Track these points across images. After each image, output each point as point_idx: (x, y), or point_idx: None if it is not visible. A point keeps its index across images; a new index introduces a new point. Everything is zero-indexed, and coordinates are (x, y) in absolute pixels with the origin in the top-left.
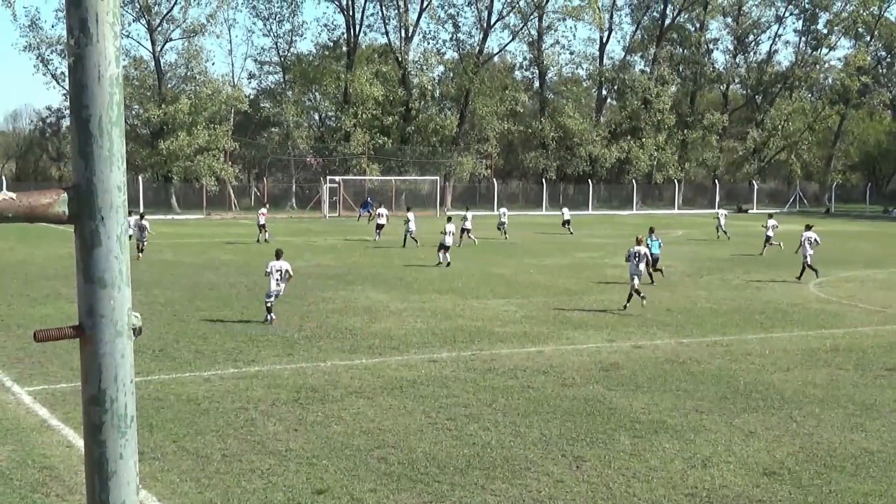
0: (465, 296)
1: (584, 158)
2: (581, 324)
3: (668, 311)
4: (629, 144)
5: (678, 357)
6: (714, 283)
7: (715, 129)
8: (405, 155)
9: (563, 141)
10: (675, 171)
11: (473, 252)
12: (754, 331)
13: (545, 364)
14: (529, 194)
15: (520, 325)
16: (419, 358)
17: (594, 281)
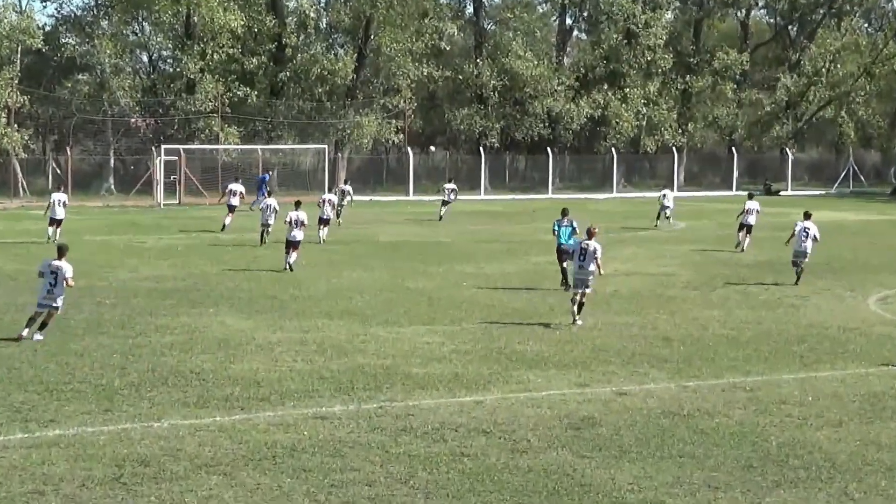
0: (368, 320)
1: (541, 118)
2: (539, 361)
3: (665, 340)
4: (606, 97)
5: (681, 408)
6: (732, 298)
7: (730, 74)
8: (277, 114)
9: (510, 92)
10: (673, 136)
11: (380, 256)
12: (791, 368)
13: (487, 420)
14: (462, 169)
15: (449, 364)
16: (300, 413)
17: (557, 297)
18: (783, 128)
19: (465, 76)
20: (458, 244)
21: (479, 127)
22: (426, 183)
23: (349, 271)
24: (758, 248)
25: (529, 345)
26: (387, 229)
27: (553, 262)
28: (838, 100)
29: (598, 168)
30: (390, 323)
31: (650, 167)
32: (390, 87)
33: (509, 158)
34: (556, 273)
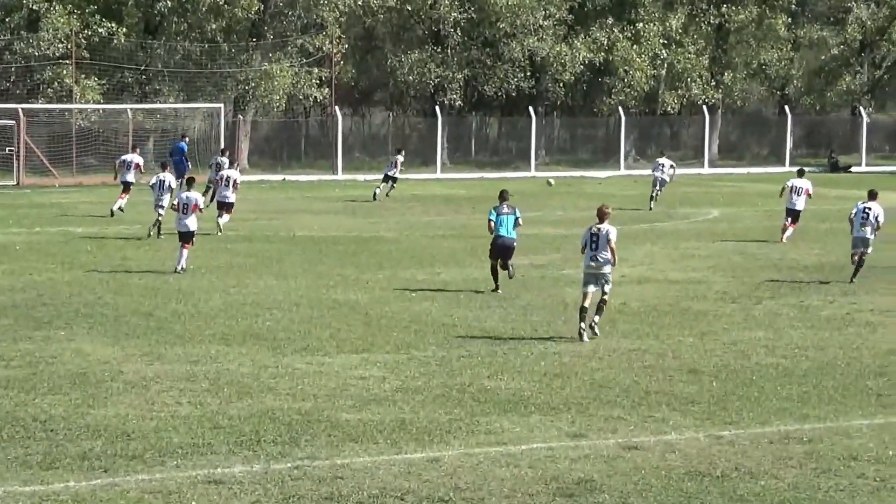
0: (281, 347)
1: (521, 65)
2: (517, 402)
3: (692, 373)
4: (611, 36)
5: (713, 467)
6: (784, 314)
7: (783, 3)
8: (154, 60)
9: (478, 29)
10: (704, 90)
11: (297, 258)
12: (865, 411)
13: (445, 485)
14: (410, 137)
15: (392, 407)
16: (186, 476)
17: (540, 313)
18: (856, 78)
19: (414, 6)
20: (404, 241)
21: (434, 78)
22: (361, 156)
23: (254, 279)
24: (821, 246)
25: (504, 380)
26: (306, 221)
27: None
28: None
29: (599, 135)
30: (311, 350)
31: (672, 133)
32: (311, 23)
33: (477, 122)
34: (541, 280)
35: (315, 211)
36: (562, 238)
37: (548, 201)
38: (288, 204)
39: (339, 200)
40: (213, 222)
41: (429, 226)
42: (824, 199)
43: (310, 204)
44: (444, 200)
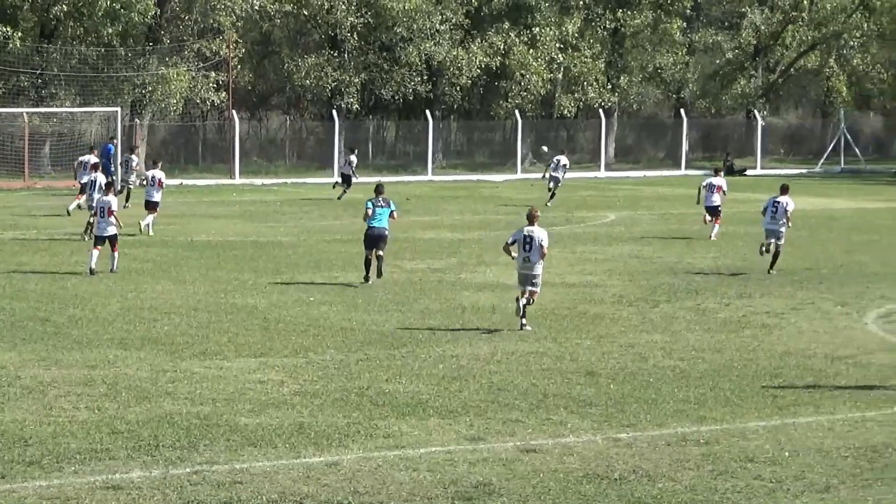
0: (179, 352)
1: (418, 69)
2: (415, 406)
3: (589, 376)
4: (508, 40)
5: (611, 469)
6: (681, 317)
7: (678, 8)
8: (50, 64)
9: (375, 34)
10: (600, 94)
11: (195, 262)
12: (761, 413)
13: (344, 489)
14: (307, 142)
15: (290, 411)
16: (84, 482)
17: (438, 317)
18: (751, 82)
19: (311, 11)
20: (302, 246)
21: (331, 82)
22: (258, 160)
23: (152, 283)
24: (717, 249)
25: (402, 383)
26: (204, 225)
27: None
28: (825, 44)
29: (496, 139)
30: (209, 355)
31: (568, 137)
32: (208, 28)
33: (374, 125)
34: (438, 284)
35: (213, 215)
36: (458, 242)
37: (444, 205)
38: (185, 208)
39: (236, 205)
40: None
41: (326, 230)
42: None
43: (207, 208)
44: (341, 204)
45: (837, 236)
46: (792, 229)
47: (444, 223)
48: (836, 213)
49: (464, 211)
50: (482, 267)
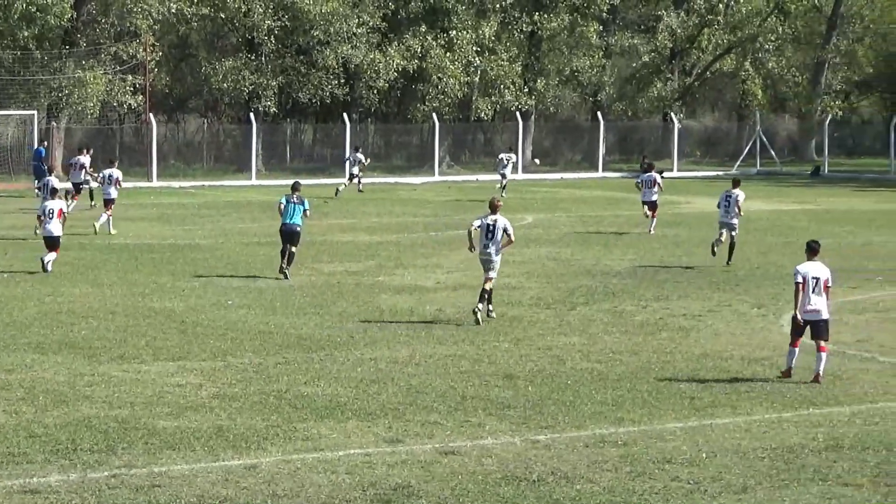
0: (96, 355)
1: (335, 72)
2: (334, 408)
3: (507, 378)
4: (425, 44)
5: (530, 471)
6: (598, 319)
7: (594, 11)
8: None
9: (292, 37)
10: (517, 97)
11: (112, 265)
12: (679, 415)
13: (263, 492)
14: (225, 145)
15: (209, 414)
16: (2, 486)
17: (356, 320)
18: (667, 85)
19: (228, 14)
20: (220, 249)
21: (249, 85)
22: (175, 163)
23: (69, 287)
24: (634, 251)
25: (321, 386)
26: (121, 228)
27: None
28: (741, 47)
29: (413, 142)
30: (127, 358)
31: (485, 140)
32: (125, 31)
33: (292, 128)
34: (356, 287)
35: (130, 218)
36: (376, 245)
37: (362, 208)
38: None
39: (153, 207)
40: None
41: (244, 233)
42: (637, 205)
43: (124, 211)
44: (259, 207)
45: (753, 238)
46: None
47: (362, 226)
48: (751, 214)
49: (381, 213)
50: (400, 270)
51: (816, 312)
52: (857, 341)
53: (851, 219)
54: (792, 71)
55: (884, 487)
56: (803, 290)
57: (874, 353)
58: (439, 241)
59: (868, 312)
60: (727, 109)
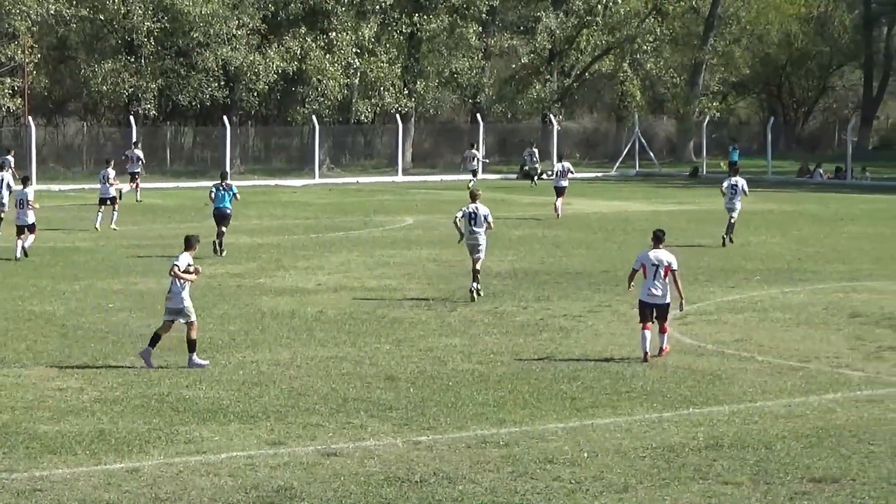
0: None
1: (215, 74)
2: (215, 411)
3: (389, 380)
4: (304, 45)
5: (412, 472)
6: (479, 320)
7: (474, 12)
8: None
9: (171, 39)
10: (397, 99)
11: None
12: (560, 415)
13: (145, 495)
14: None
15: (90, 418)
16: None
17: (237, 322)
18: (546, 87)
19: (108, 16)
20: (101, 252)
21: (128, 87)
22: (55, 167)
23: None
24: (514, 252)
25: (203, 389)
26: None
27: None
28: (619, 48)
29: (293, 144)
30: (7, 363)
31: (366, 142)
32: (2, 32)
33: (172, 131)
34: (238, 289)
35: (9, 221)
36: (258, 247)
37: (243, 210)
38: None
39: None
40: None
41: (125, 236)
42: (517, 206)
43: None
44: (139, 210)
45: (633, 239)
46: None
47: (243, 228)
48: (631, 215)
49: (262, 216)
50: (281, 272)
51: (657, 297)
52: (736, 341)
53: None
54: (670, 72)
55: (763, 485)
56: (644, 275)
57: (753, 353)
58: (320, 244)
59: (746, 312)
60: (606, 110)
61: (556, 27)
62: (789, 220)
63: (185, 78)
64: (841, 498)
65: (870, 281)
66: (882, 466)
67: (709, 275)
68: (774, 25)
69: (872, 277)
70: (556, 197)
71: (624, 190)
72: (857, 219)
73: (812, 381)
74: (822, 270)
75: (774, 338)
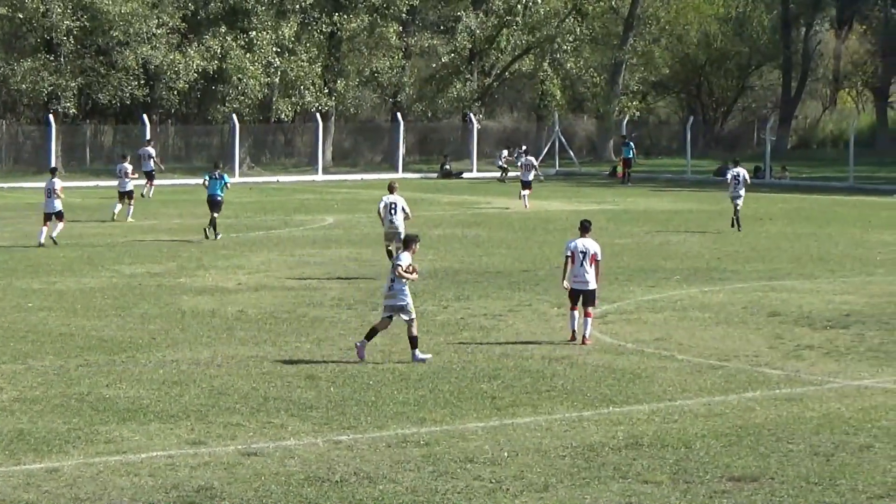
0: None
1: (135, 73)
2: (135, 411)
3: (309, 379)
4: (224, 44)
5: (332, 472)
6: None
7: (394, 12)
8: None
9: (91, 38)
10: (317, 98)
11: None
12: (480, 414)
13: (66, 496)
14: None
15: (10, 418)
16: None
17: (157, 322)
18: (466, 86)
19: (27, 14)
20: (19, 251)
21: (48, 86)
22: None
23: None
24: (434, 252)
25: (122, 388)
26: None
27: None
28: (539, 47)
29: (213, 142)
30: None
31: (286, 141)
32: None
33: (91, 130)
34: (158, 288)
35: None
36: (177, 246)
37: (163, 209)
38: None
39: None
40: None
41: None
42: (437, 205)
43: None
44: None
45: (553, 238)
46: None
47: (163, 227)
48: (551, 214)
49: (183, 215)
50: (201, 271)
51: (584, 283)
52: (656, 339)
53: (649, 218)
54: (590, 72)
55: (683, 484)
56: (572, 262)
57: (673, 352)
58: (240, 243)
59: (666, 311)
60: (526, 110)
61: (476, 27)
62: (708, 219)
63: (105, 76)
64: (760, 496)
65: (789, 280)
66: (800, 465)
67: (628, 274)
68: (693, 26)
69: (791, 277)
70: (522, 189)
71: (544, 189)
72: (775, 218)
73: (731, 380)
74: (741, 270)
75: (694, 337)
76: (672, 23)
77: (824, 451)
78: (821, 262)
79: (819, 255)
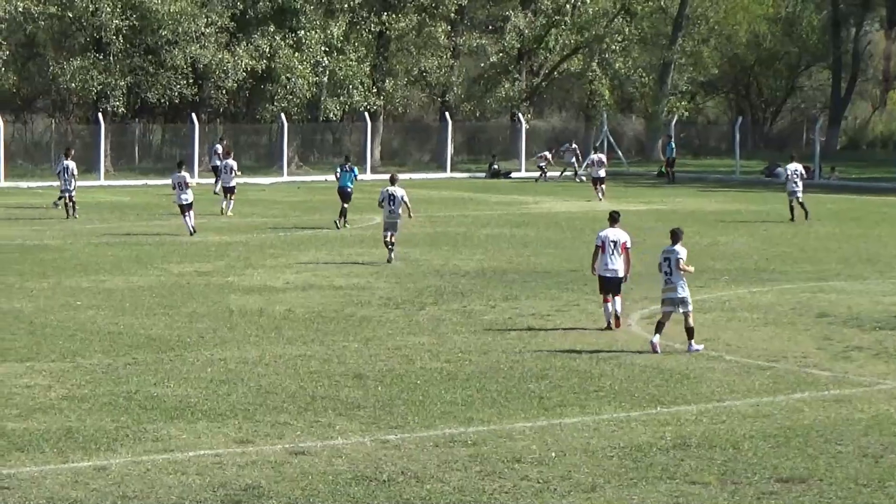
0: None
1: (184, 72)
2: (183, 409)
3: (357, 378)
4: (273, 44)
5: (379, 471)
6: (448, 319)
7: (443, 11)
8: None
9: (140, 37)
10: (365, 97)
11: None
12: (528, 414)
13: (113, 494)
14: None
15: (58, 416)
16: None
17: (205, 320)
18: (515, 86)
19: (76, 13)
20: (69, 249)
21: (97, 85)
22: (24, 164)
23: None
24: (482, 251)
25: (170, 387)
26: None
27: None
28: (588, 47)
29: (262, 142)
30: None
31: (334, 140)
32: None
33: (140, 129)
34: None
35: None
36: (226, 245)
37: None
38: None
39: (1, 208)
40: None
41: (93, 233)
42: (485, 205)
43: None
44: (108, 208)
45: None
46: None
47: (211, 226)
48: (599, 214)
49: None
50: (250, 270)
51: (614, 272)
52: (704, 340)
53: (697, 219)
54: (639, 72)
55: (730, 485)
56: (602, 251)
57: (721, 352)
58: (288, 242)
59: (714, 311)
60: (574, 110)
61: (525, 26)
62: (757, 219)
63: (154, 75)
64: (808, 498)
65: (837, 281)
66: (849, 466)
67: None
68: (743, 26)
69: (840, 277)
70: (595, 185)
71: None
72: (824, 219)
73: (780, 381)
74: (789, 270)
75: (742, 337)
76: (721, 23)
77: (873, 452)
78: (869, 263)
79: (868, 256)
